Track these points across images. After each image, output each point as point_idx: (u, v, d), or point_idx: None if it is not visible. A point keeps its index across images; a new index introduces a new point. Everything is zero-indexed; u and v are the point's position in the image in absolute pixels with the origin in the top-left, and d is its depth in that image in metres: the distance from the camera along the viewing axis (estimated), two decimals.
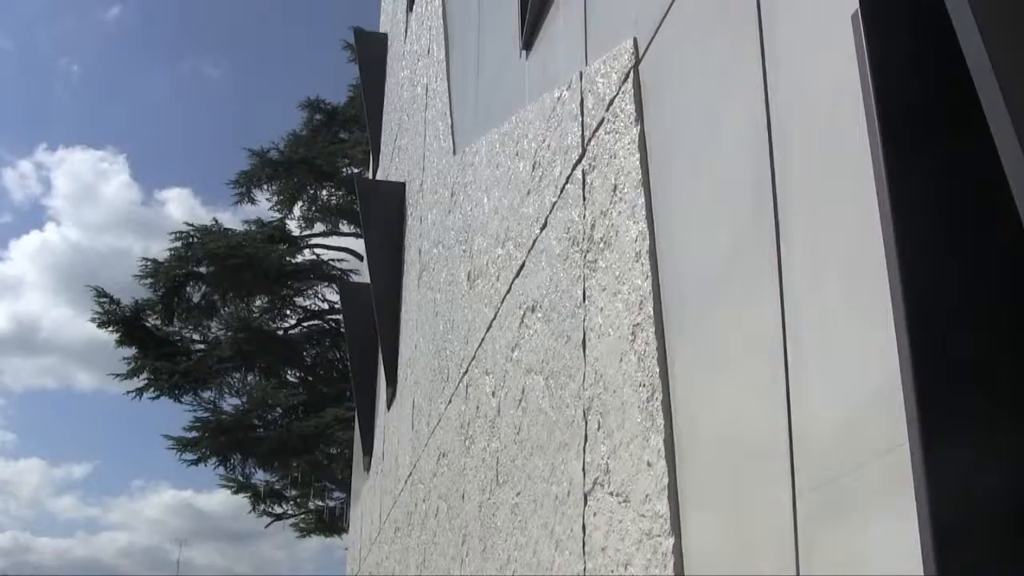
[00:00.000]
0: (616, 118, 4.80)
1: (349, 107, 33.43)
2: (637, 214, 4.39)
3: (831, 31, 2.93)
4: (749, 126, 3.46)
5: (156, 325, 32.13)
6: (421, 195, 11.82)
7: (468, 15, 9.83)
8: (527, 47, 7.03)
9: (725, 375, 3.52)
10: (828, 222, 2.92)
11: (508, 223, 6.86)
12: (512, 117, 7.13)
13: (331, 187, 33.98)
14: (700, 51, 4.04)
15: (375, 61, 17.93)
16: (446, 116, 10.32)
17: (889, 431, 2.42)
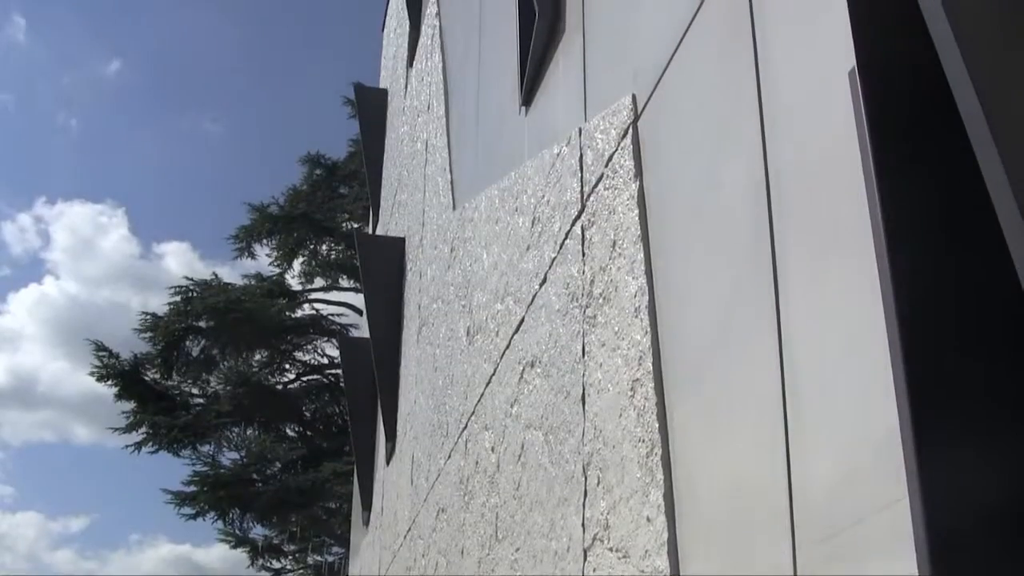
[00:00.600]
0: (615, 174, 4.82)
1: (349, 162, 33.54)
2: (636, 270, 4.40)
3: (829, 87, 2.96)
4: (748, 182, 3.48)
5: (155, 379, 32.07)
6: (421, 250, 11.84)
7: (467, 71, 9.90)
8: (526, 103, 7.07)
9: (725, 430, 3.52)
10: (826, 277, 2.93)
11: (507, 278, 6.87)
12: (511, 173, 7.16)
13: (331, 242, 34.04)
14: (699, 107, 4.07)
15: (375, 117, 18.02)
16: (446, 171, 10.36)
17: (889, 485, 2.42)
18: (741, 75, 3.61)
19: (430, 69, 12.33)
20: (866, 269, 2.59)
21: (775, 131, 3.34)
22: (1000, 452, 2.24)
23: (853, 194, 2.72)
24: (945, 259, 2.39)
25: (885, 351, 2.46)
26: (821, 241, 2.98)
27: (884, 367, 2.46)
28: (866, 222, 2.61)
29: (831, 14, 2.91)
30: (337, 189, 34.59)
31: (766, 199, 3.32)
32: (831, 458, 2.79)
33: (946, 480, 2.24)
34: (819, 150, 3.04)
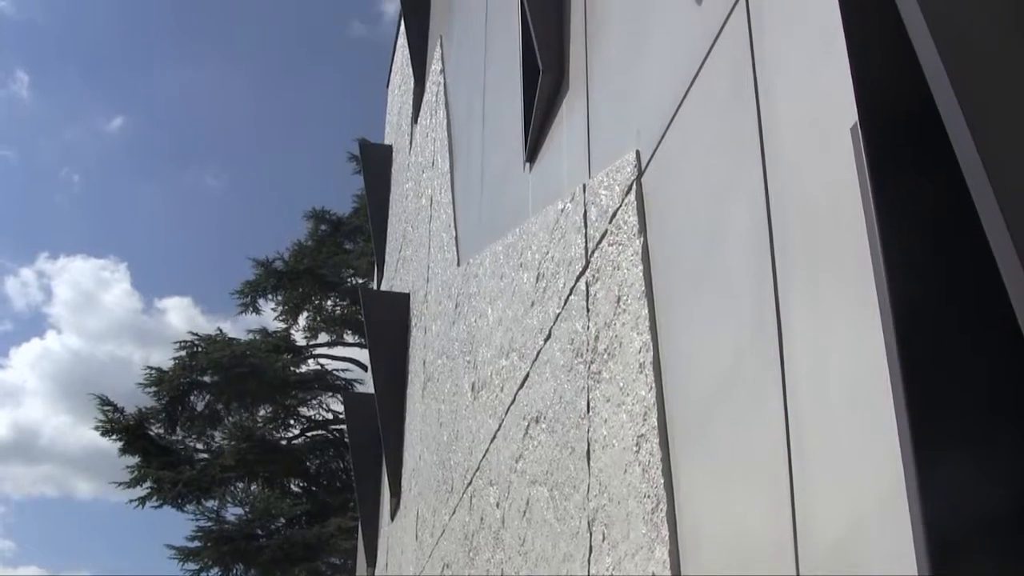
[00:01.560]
0: (619, 230, 4.84)
1: (354, 218, 33.62)
2: (641, 325, 4.41)
3: (831, 142, 2.98)
4: (751, 237, 3.49)
5: (159, 433, 31.99)
6: (425, 306, 11.85)
7: (472, 127, 9.95)
8: (531, 159, 7.11)
9: (730, 485, 3.51)
10: (830, 331, 2.94)
11: (512, 334, 6.88)
12: (516, 228, 7.19)
13: (336, 297, 34.05)
14: (702, 163, 4.09)
15: (380, 172, 18.07)
16: (450, 227, 10.39)
17: (894, 539, 2.42)
18: (744, 131, 3.63)
19: (435, 125, 12.40)
20: (870, 322, 2.60)
21: (778, 187, 3.36)
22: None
23: (856, 249, 2.74)
24: (947, 310, 2.40)
25: (890, 404, 2.47)
26: (825, 296, 3.00)
27: (889, 420, 2.46)
28: (870, 277, 2.63)
29: (832, 70, 2.94)
30: (342, 244, 34.65)
31: (770, 254, 3.34)
32: (836, 512, 2.79)
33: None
34: (822, 206, 3.06)
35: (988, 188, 1.80)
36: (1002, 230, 1.76)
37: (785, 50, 3.44)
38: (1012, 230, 1.75)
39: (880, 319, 2.55)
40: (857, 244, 2.73)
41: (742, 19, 3.78)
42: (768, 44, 3.56)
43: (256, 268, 33.73)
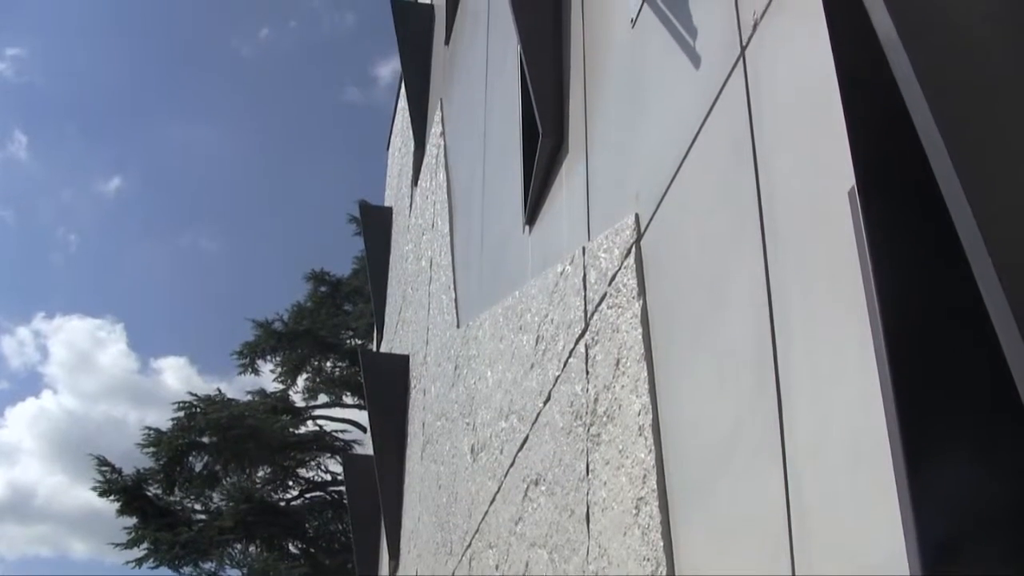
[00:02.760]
0: (618, 292, 4.85)
1: (353, 279, 33.67)
2: (640, 388, 4.41)
3: (829, 206, 3.00)
4: (750, 300, 3.50)
5: (157, 494, 31.85)
6: (425, 368, 11.84)
7: (472, 190, 9.99)
8: (530, 222, 7.13)
9: (730, 549, 3.50)
10: (831, 395, 2.94)
11: (511, 396, 6.87)
12: (515, 291, 7.20)
13: (335, 358, 34.02)
14: (701, 226, 4.11)
15: (380, 234, 18.12)
16: (450, 289, 10.41)
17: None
18: (742, 194, 3.65)
19: (435, 188, 12.44)
20: (871, 386, 2.61)
21: (777, 250, 3.37)
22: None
23: (856, 314, 2.75)
24: (948, 374, 2.40)
25: (890, 468, 2.47)
26: (825, 361, 3.00)
27: (889, 485, 2.46)
28: (869, 342, 2.63)
29: (830, 135, 2.96)
30: (341, 306, 34.67)
31: (769, 318, 3.35)
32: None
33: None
34: (821, 269, 3.07)
35: (987, 260, 1.80)
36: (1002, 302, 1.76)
37: (783, 114, 3.47)
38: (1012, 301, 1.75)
39: (880, 384, 2.56)
40: (857, 310, 2.74)
41: (740, 82, 3.81)
42: (766, 108, 3.59)
43: (256, 329, 33.73)
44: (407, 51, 15.57)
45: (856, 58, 2.50)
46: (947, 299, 2.39)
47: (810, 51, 3.18)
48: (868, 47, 2.23)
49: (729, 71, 3.92)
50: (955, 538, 2.27)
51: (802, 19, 3.34)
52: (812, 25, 3.04)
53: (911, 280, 2.52)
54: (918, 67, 2.02)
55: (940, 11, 2.20)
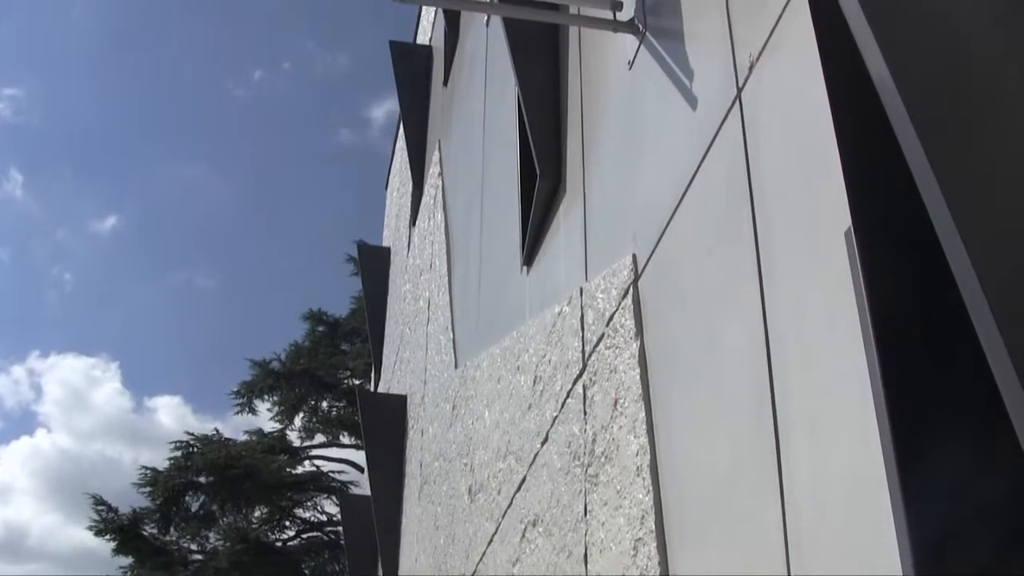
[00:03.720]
0: (616, 333, 4.86)
1: (351, 319, 33.64)
2: (638, 428, 4.41)
3: (825, 247, 3.01)
4: (748, 340, 3.51)
5: (153, 534, 31.72)
6: (423, 408, 11.82)
7: (470, 231, 10.00)
8: (528, 263, 7.14)
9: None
10: (829, 435, 2.94)
11: (509, 437, 6.86)
12: (513, 332, 7.20)
13: (332, 398, 33.95)
14: (698, 267, 4.12)
15: (378, 274, 18.14)
16: (448, 330, 10.41)
17: None
18: (740, 235, 3.66)
19: (433, 228, 12.46)
20: (869, 428, 2.61)
21: (773, 291, 3.38)
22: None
23: (853, 354, 2.75)
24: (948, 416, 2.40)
25: (888, 510, 2.46)
26: (823, 401, 3.00)
27: (888, 527, 2.46)
28: (867, 383, 2.63)
29: (826, 176, 2.97)
30: (339, 346, 34.63)
31: (766, 357, 3.35)
32: None
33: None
34: (818, 310, 3.07)
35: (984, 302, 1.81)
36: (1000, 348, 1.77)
37: (780, 155, 3.48)
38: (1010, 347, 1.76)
39: (878, 423, 2.56)
40: (854, 350, 2.74)
41: (736, 124, 3.83)
42: (763, 149, 3.60)
43: (253, 368, 33.67)
44: (405, 92, 15.63)
45: (851, 99, 2.51)
46: (944, 341, 2.40)
47: (806, 92, 3.20)
48: (863, 89, 2.24)
49: (726, 112, 3.94)
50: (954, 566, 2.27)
51: (797, 61, 3.36)
52: (807, 67, 3.06)
53: (908, 321, 2.52)
54: (912, 109, 2.03)
55: (935, 53, 2.22)
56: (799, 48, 3.32)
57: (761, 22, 3.71)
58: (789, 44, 3.50)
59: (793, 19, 3.44)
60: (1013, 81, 2.19)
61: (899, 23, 2.24)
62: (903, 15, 2.27)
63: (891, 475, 2.46)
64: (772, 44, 3.62)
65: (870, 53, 2.16)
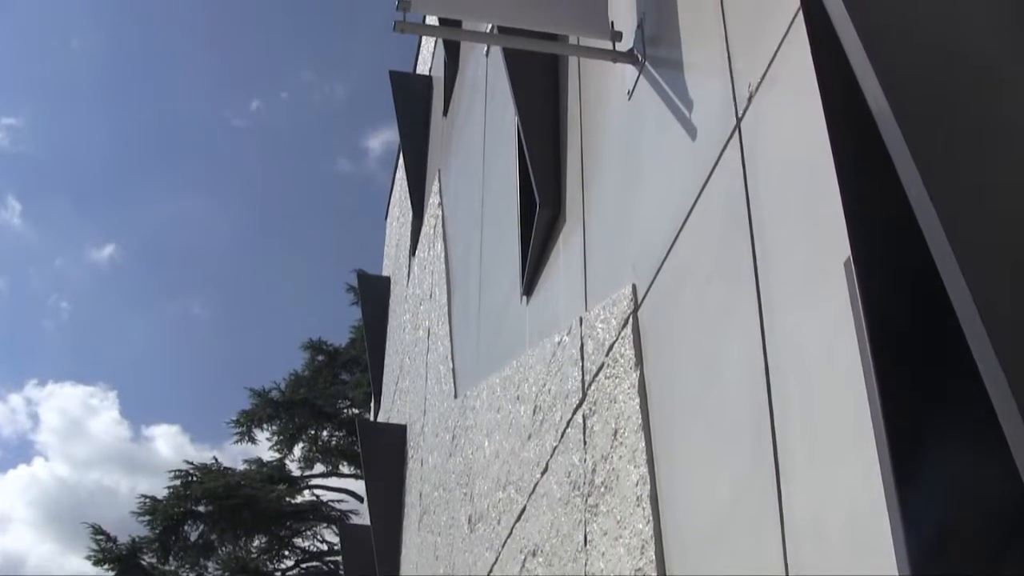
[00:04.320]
0: (616, 363, 4.85)
1: (351, 348, 33.62)
2: (638, 458, 4.40)
3: (824, 276, 3.01)
4: (747, 370, 3.51)
5: (152, 563, 31.62)
6: (422, 438, 11.81)
7: (470, 261, 10.01)
8: (527, 292, 7.14)
9: None
10: (829, 466, 2.93)
11: (509, 467, 6.85)
12: (513, 361, 7.20)
13: (332, 428, 33.89)
14: (698, 296, 4.12)
15: (377, 304, 18.14)
16: (448, 359, 10.40)
17: None
18: (739, 265, 3.67)
19: (432, 258, 12.47)
20: (869, 459, 2.60)
21: (773, 321, 3.38)
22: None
23: (853, 384, 2.75)
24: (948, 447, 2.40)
25: (888, 541, 2.46)
26: (823, 431, 3.00)
27: (888, 558, 2.45)
28: (865, 409, 2.63)
29: (825, 206, 2.98)
30: (339, 375, 34.60)
31: (766, 387, 3.35)
32: None
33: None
34: (817, 339, 3.07)
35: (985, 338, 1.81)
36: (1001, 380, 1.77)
37: (779, 186, 3.49)
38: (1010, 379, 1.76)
39: (878, 454, 2.56)
40: (854, 380, 2.74)
41: (735, 154, 3.84)
42: (762, 179, 3.61)
43: (253, 397, 33.64)
44: (405, 122, 15.66)
45: (850, 130, 2.52)
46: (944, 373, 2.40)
47: (805, 123, 3.21)
48: (862, 120, 2.25)
49: (725, 143, 3.95)
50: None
51: (796, 91, 3.37)
52: (806, 97, 3.07)
53: (908, 352, 2.53)
54: (911, 140, 2.04)
55: (933, 85, 2.22)
56: (798, 79, 3.33)
57: (760, 53, 3.73)
58: (788, 75, 3.51)
59: (792, 50, 3.46)
60: (1012, 112, 2.20)
61: (897, 55, 2.25)
62: (901, 47, 2.28)
63: (891, 506, 2.46)
64: (771, 75, 3.63)
65: (868, 84, 2.17)
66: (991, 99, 2.22)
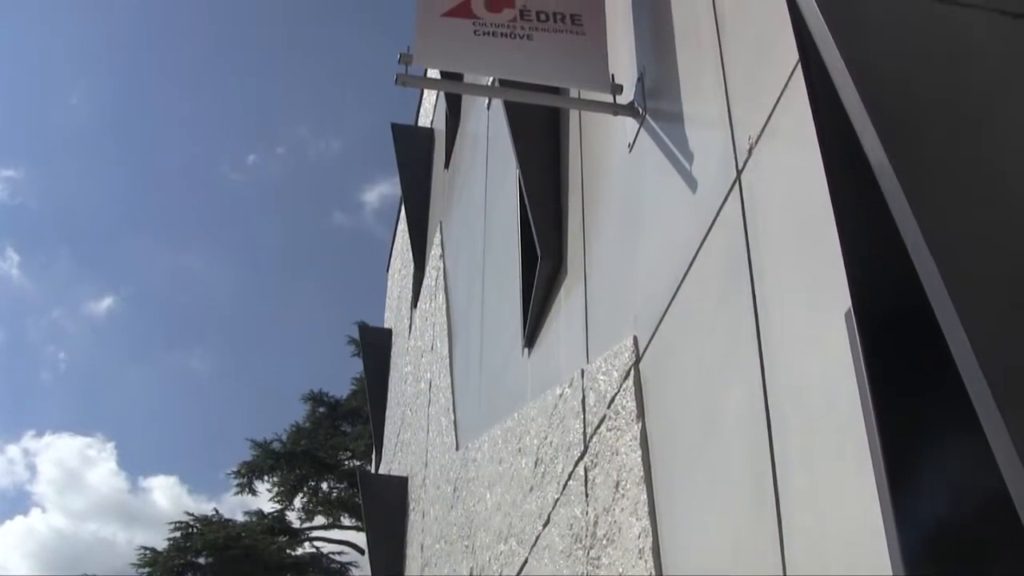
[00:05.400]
0: (617, 415, 4.85)
1: (352, 400, 33.58)
2: (640, 511, 4.39)
3: (825, 327, 3.01)
4: (748, 422, 3.50)
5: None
6: (423, 490, 11.77)
7: (471, 312, 10.02)
8: (529, 344, 7.14)
9: None
10: (830, 518, 2.93)
11: (511, 519, 6.82)
12: (514, 413, 7.19)
13: (333, 480, 33.80)
14: (699, 349, 4.12)
15: (379, 356, 18.12)
16: (449, 412, 10.38)
17: None
18: (740, 317, 3.67)
19: (434, 310, 12.48)
20: (871, 510, 2.60)
21: (775, 372, 3.38)
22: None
23: (854, 436, 2.75)
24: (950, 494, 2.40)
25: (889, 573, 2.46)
26: (824, 483, 2.99)
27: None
28: (867, 458, 2.63)
29: (825, 258, 2.99)
30: (340, 427, 34.54)
31: (767, 439, 3.35)
32: None
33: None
34: (818, 390, 3.07)
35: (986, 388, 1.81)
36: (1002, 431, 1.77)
37: (779, 237, 3.50)
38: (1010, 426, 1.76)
39: (880, 503, 2.55)
40: (855, 433, 2.74)
41: (736, 206, 3.85)
42: (762, 231, 3.62)
43: (254, 449, 33.57)
44: (406, 174, 15.73)
45: (849, 181, 2.54)
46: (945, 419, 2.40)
47: (804, 174, 3.22)
48: (861, 171, 2.26)
49: (725, 194, 3.97)
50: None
51: (796, 144, 3.39)
52: (806, 149, 3.08)
53: (909, 402, 2.53)
54: (910, 193, 2.05)
55: (932, 137, 2.24)
56: (797, 130, 3.35)
57: (759, 105, 3.75)
58: (787, 126, 3.53)
59: (791, 102, 3.48)
60: (1010, 160, 2.21)
61: (896, 107, 2.26)
62: (899, 98, 2.30)
63: (893, 552, 2.45)
64: (771, 127, 3.65)
65: (867, 137, 2.18)
66: (989, 148, 2.23)
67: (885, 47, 2.42)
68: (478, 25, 5.56)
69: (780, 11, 3.47)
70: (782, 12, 3.36)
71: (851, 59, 2.28)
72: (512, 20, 5.60)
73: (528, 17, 5.63)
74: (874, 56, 2.35)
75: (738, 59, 4.11)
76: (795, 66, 3.43)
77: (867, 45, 2.37)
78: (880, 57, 2.36)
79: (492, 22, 5.58)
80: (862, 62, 2.28)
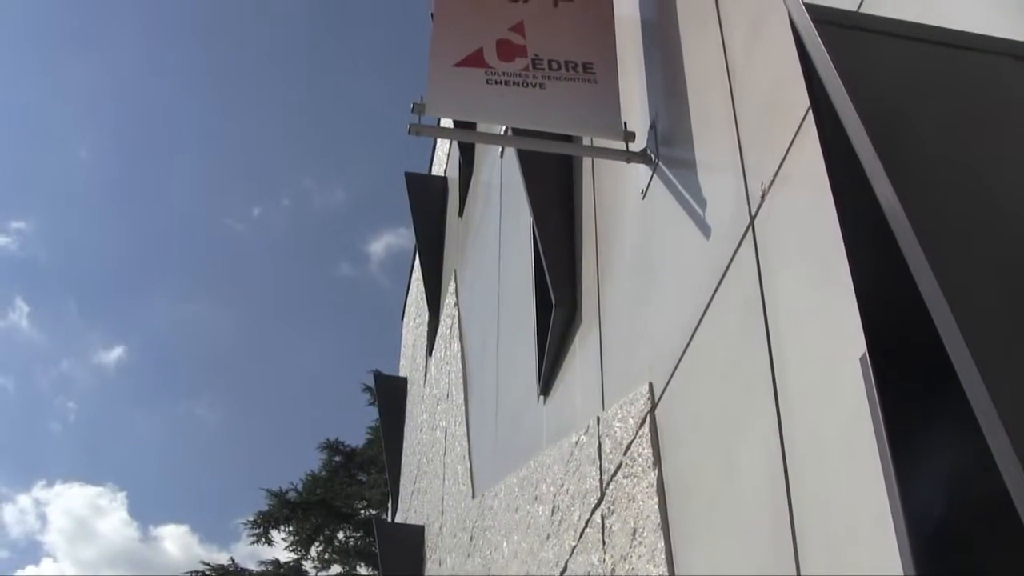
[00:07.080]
0: (634, 462, 4.84)
1: (368, 449, 33.56)
2: (657, 558, 4.37)
3: (841, 373, 3.01)
4: (765, 466, 3.49)
5: None
6: (440, 538, 11.73)
7: (486, 360, 10.01)
8: (545, 392, 7.14)
9: None
10: (849, 561, 2.92)
11: (528, 567, 6.80)
12: (531, 461, 7.17)
13: (348, 528, 33.73)
14: (715, 395, 4.12)
15: (394, 404, 18.11)
16: (465, 459, 10.36)
17: None
18: (755, 362, 3.67)
19: (449, 358, 12.48)
20: (889, 555, 2.59)
21: (791, 418, 3.38)
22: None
23: (873, 482, 2.74)
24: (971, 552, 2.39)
25: None
26: (842, 529, 2.98)
27: None
28: (885, 505, 2.62)
29: (840, 302, 2.99)
30: (356, 476, 34.51)
31: (784, 484, 3.34)
32: None
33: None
34: (834, 436, 3.07)
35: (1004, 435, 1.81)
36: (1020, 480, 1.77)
37: (793, 283, 3.51)
38: None
39: (899, 554, 2.54)
40: (873, 477, 2.73)
41: (750, 253, 3.86)
42: (776, 277, 3.63)
43: (269, 498, 33.55)
44: (420, 222, 15.77)
45: (863, 228, 2.54)
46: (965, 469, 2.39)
47: (818, 220, 3.23)
48: (875, 218, 2.27)
49: (739, 241, 3.97)
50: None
51: (808, 189, 3.40)
52: (818, 195, 3.09)
53: (927, 446, 2.52)
54: (923, 240, 2.05)
55: (946, 183, 2.24)
56: (810, 176, 3.36)
57: (772, 151, 3.76)
58: (800, 172, 3.54)
59: (803, 148, 3.49)
60: None
61: (908, 153, 2.27)
62: (911, 145, 2.31)
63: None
64: (783, 173, 3.66)
65: (880, 183, 2.19)
66: (1001, 193, 2.24)
67: (896, 93, 2.43)
68: (490, 74, 5.59)
69: (790, 57, 3.49)
70: (792, 58, 3.38)
71: (862, 105, 2.28)
72: (524, 69, 5.63)
73: (540, 66, 5.66)
74: (885, 102, 2.36)
75: (750, 105, 4.13)
76: (806, 112, 3.44)
77: (878, 91, 2.38)
78: (891, 103, 2.37)
79: (504, 71, 5.61)
80: (873, 108, 2.29)
